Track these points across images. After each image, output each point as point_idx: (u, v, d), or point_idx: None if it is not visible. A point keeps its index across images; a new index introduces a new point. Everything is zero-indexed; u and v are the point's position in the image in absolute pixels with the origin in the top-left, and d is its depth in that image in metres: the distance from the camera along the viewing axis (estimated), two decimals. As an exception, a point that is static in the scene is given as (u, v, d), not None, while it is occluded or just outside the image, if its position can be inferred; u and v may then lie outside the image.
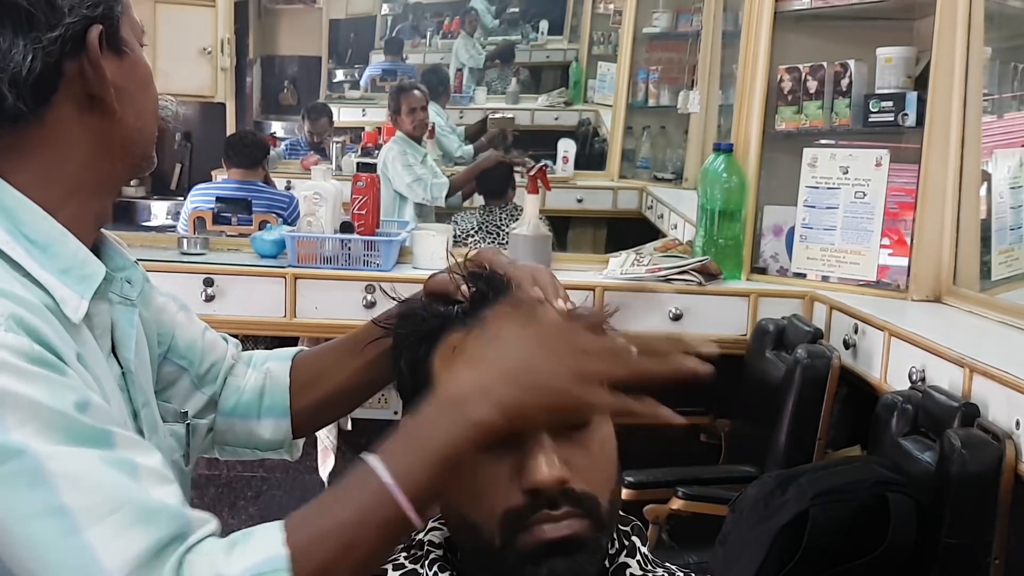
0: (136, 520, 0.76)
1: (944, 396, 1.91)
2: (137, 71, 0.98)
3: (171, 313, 1.16)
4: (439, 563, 0.94)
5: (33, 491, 0.75)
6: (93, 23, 0.92)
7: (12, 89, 0.88)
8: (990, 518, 1.71)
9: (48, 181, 0.93)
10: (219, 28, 3.92)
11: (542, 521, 0.84)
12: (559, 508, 0.84)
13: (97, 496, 0.76)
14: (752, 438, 2.54)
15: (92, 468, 0.78)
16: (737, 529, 1.91)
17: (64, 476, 0.76)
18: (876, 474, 1.86)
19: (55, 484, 0.75)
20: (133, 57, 0.97)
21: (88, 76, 0.92)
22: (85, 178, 0.95)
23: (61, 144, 0.93)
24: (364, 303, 2.74)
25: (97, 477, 0.77)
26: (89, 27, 0.91)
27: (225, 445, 1.22)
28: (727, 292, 2.80)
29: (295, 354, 1.23)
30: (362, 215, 2.86)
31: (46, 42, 0.89)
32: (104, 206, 0.99)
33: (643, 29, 4.84)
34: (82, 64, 0.92)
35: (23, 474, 0.75)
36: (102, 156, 0.95)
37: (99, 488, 0.77)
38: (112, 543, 0.75)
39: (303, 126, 4.96)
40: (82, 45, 0.91)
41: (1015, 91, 2.77)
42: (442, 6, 5.68)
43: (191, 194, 3.82)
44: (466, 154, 4.91)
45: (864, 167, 2.74)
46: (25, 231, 0.90)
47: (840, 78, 2.82)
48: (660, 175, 4.72)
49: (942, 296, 2.57)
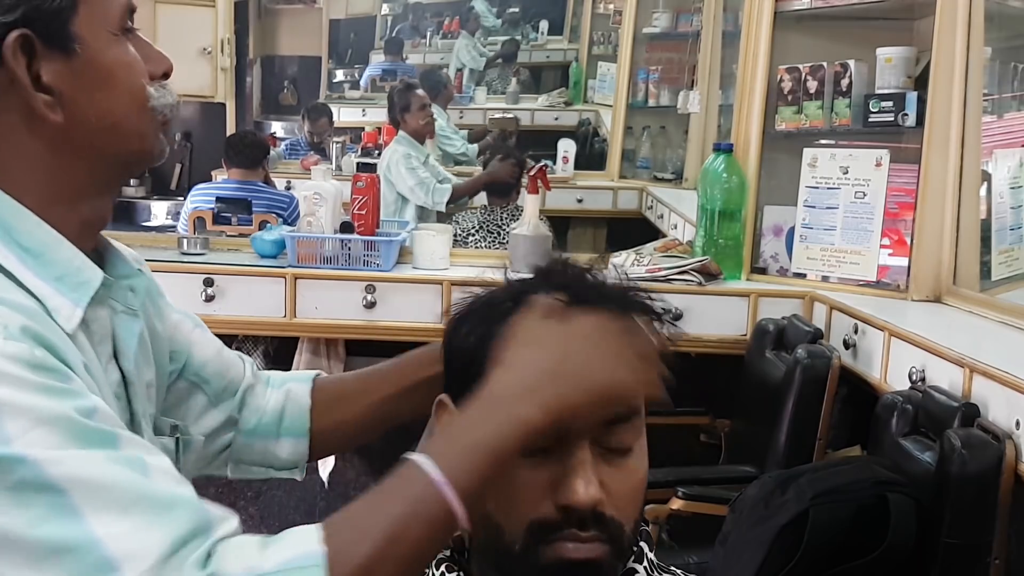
0: (152, 516, 0.74)
1: (944, 396, 1.91)
2: (94, 67, 0.91)
3: (186, 331, 1.15)
4: (446, 563, 0.94)
5: (41, 497, 0.73)
6: (11, 29, 0.86)
7: None
8: (990, 518, 1.71)
9: (21, 193, 0.89)
10: (219, 28, 3.92)
11: (568, 539, 0.84)
12: (588, 530, 0.84)
13: (108, 495, 0.74)
14: (752, 438, 2.54)
15: (100, 468, 0.75)
16: (737, 529, 1.91)
17: (72, 480, 0.74)
18: (876, 474, 1.85)
19: (63, 488, 0.73)
20: (88, 53, 0.90)
21: (18, 84, 0.88)
22: (58, 186, 0.91)
23: (17, 156, 0.89)
24: (364, 303, 2.74)
25: (106, 477, 0.75)
26: (6, 34, 0.86)
27: (240, 463, 1.20)
28: (727, 292, 2.80)
29: (314, 376, 1.23)
30: (362, 215, 2.86)
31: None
32: (95, 209, 0.95)
33: (643, 29, 4.84)
34: (11, 74, 0.87)
35: (29, 483, 0.73)
36: (68, 162, 0.91)
37: (109, 487, 0.74)
38: (128, 541, 0.72)
39: (303, 126, 4.96)
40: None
41: (1015, 91, 2.77)
42: (442, 6, 5.68)
43: (191, 194, 3.82)
44: (469, 152, 4.90)
45: (864, 167, 2.74)
46: (18, 238, 0.87)
47: (840, 78, 2.82)
48: (660, 175, 4.72)
49: (942, 296, 2.57)
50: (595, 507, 0.84)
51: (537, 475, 0.85)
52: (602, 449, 0.86)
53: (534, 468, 0.85)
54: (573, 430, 0.84)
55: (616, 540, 0.86)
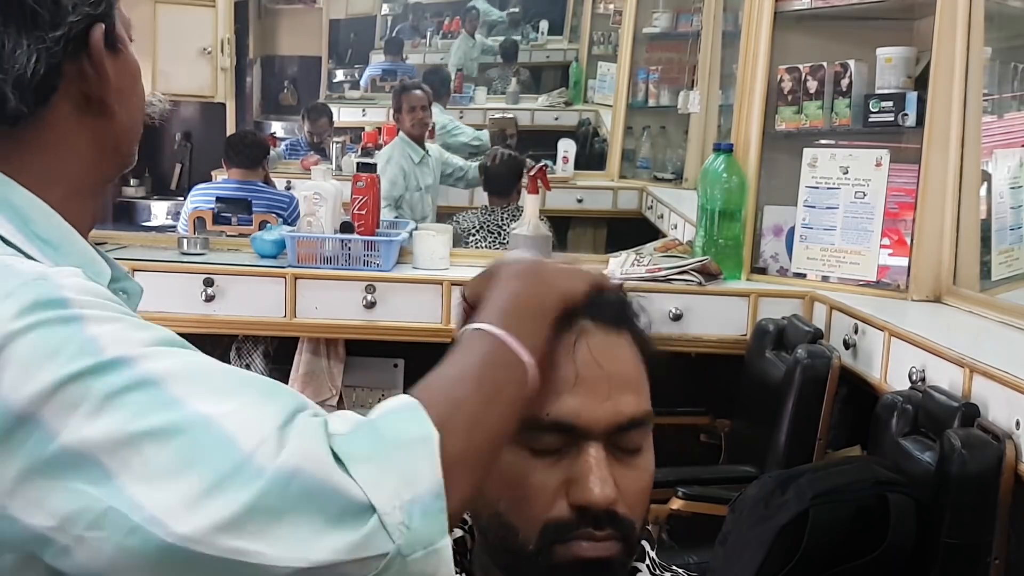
0: (258, 397, 0.71)
1: (944, 396, 1.91)
2: (129, 68, 0.93)
3: None
4: None
5: (137, 393, 0.69)
6: (96, 21, 0.88)
7: (15, 91, 0.85)
8: (990, 518, 1.71)
9: (49, 183, 0.90)
10: (219, 28, 3.91)
11: (583, 538, 0.85)
12: (603, 529, 0.85)
13: (208, 383, 0.71)
14: (752, 438, 2.54)
15: (195, 360, 0.73)
16: (737, 529, 1.91)
17: (167, 372, 0.70)
18: (876, 474, 1.85)
19: (159, 380, 0.69)
20: (126, 53, 0.93)
21: (88, 77, 0.89)
22: (84, 179, 0.92)
23: (60, 146, 0.90)
24: (364, 303, 2.74)
25: (201, 367, 0.73)
26: (92, 26, 0.87)
27: None
28: (727, 292, 2.80)
29: None
30: (362, 215, 2.86)
31: (49, 42, 0.85)
32: (98, 206, 0.97)
33: (643, 29, 4.84)
34: (81, 64, 0.88)
35: (123, 385, 0.69)
36: (99, 156, 0.93)
37: (207, 376, 0.72)
38: (239, 417, 0.69)
39: (303, 126, 4.96)
40: (84, 45, 0.87)
41: (1015, 91, 2.77)
42: (442, 6, 5.69)
43: (191, 194, 3.81)
44: (483, 138, 4.91)
45: (864, 167, 2.74)
46: (36, 230, 0.87)
47: (840, 78, 2.82)
48: (660, 175, 4.72)
49: (942, 296, 2.57)
50: (610, 506, 0.84)
51: (551, 475, 0.86)
52: (614, 449, 0.87)
53: (547, 469, 0.86)
54: (588, 433, 0.85)
55: (628, 538, 0.87)
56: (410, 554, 0.68)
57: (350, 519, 0.67)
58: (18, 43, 0.85)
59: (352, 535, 0.67)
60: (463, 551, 0.96)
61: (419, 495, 0.69)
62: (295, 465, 0.67)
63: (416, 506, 0.69)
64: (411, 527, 0.68)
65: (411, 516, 0.68)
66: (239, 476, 0.66)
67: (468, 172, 4.49)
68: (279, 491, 0.66)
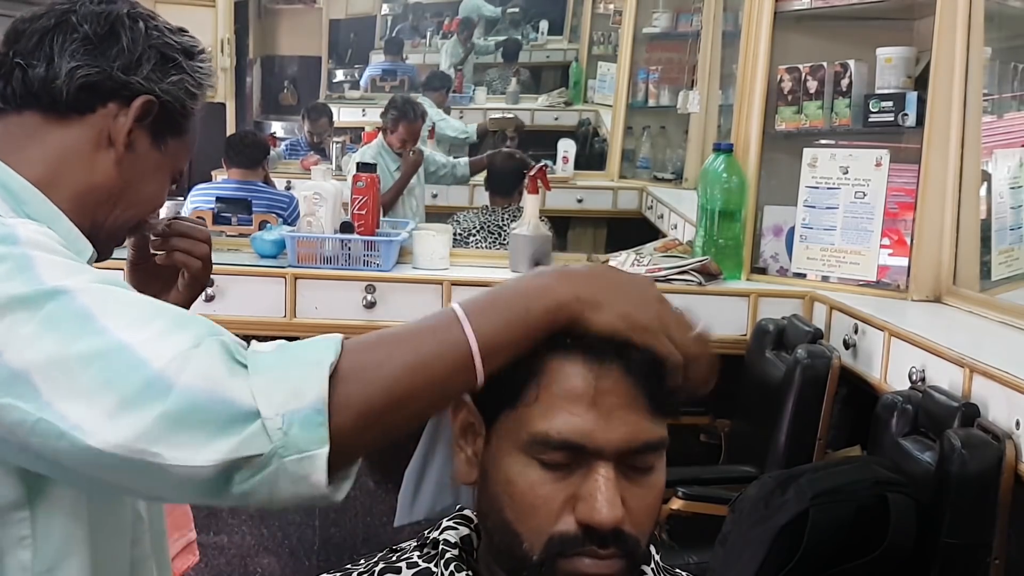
0: (172, 324, 0.82)
1: (944, 396, 1.91)
2: (147, 167, 1.06)
3: None
4: (455, 563, 0.94)
5: (71, 322, 0.81)
6: (152, 95, 1.03)
7: (67, 83, 1.00)
8: (990, 518, 1.71)
9: (51, 185, 1.00)
10: (219, 28, 3.91)
11: (587, 555, 0.85)
12: (607, 548, 0.85)
13: (131, 313, 0.83)
14: (752, 438, 2.54)
15: (123, 295, 0.86)
16: (737, 529, 1.91)
17: (96, 303, 0.82)
18: (876, 474, 1.85)
19: (91, 312, 0.82)
20: (160, 158, 1.06)
21: (118, 124, 1.02)
22: (79, 201, 1.02)
23: (73, 154, 1.02)
24: (364, 303, 2.74)
25: (128, 299, 0.85)
26: (148, 93, 1.03)
27: None
28: (727, 292, 2.80)
29: None
30: (362, 215, 2.86)
31: (119, 70, 1.02)
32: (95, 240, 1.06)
33: (643, 29, 4.85)
34: (118, 111, 1.02)
35: (60, 312, 0.82)
36: (98, 194, 1.03)
37: (131, 306, 0.84)
38: (154, 343, 0.80)
39: (303, 126, 4.96)
40: (130, 100, 1.02)
41: (1015, 91, 2.77)
42: (442, 6, 5.68)
43: (191, 194, 3.81)
44: (467, 131, 4.92)
45: (864, 167, 2.74)
46: (26, 209, 0.97)
47: (840, 78, 2.82)
48: (660, 175, 4.72)
49: (942, 296, 2.57)
50: (616, 526, 0.84)
51: (560, 489, 0.85)
52: (625, 468, 0.86)
53: (556, 482, 0.85)
54: (599, 452, 0.84)
55: (633, 556, 0.87)
56: (286, 456, 0.78)
57: (238, 425, 0.78)
58: (110, 64, 1.02)
59: (235, 438, 0.78)
60: (469, 549, 0.96)
61: (302, 407, 0.79)
62: (193, 382, 0.78)
63: (297, 416, 0.78)
64: (288, 433, 0.78)
65: (290, 424, 0.78)
66: (149, 392, 0.78)
67: (456, 168, 4.50)
68: (181, 404, 0.78)
